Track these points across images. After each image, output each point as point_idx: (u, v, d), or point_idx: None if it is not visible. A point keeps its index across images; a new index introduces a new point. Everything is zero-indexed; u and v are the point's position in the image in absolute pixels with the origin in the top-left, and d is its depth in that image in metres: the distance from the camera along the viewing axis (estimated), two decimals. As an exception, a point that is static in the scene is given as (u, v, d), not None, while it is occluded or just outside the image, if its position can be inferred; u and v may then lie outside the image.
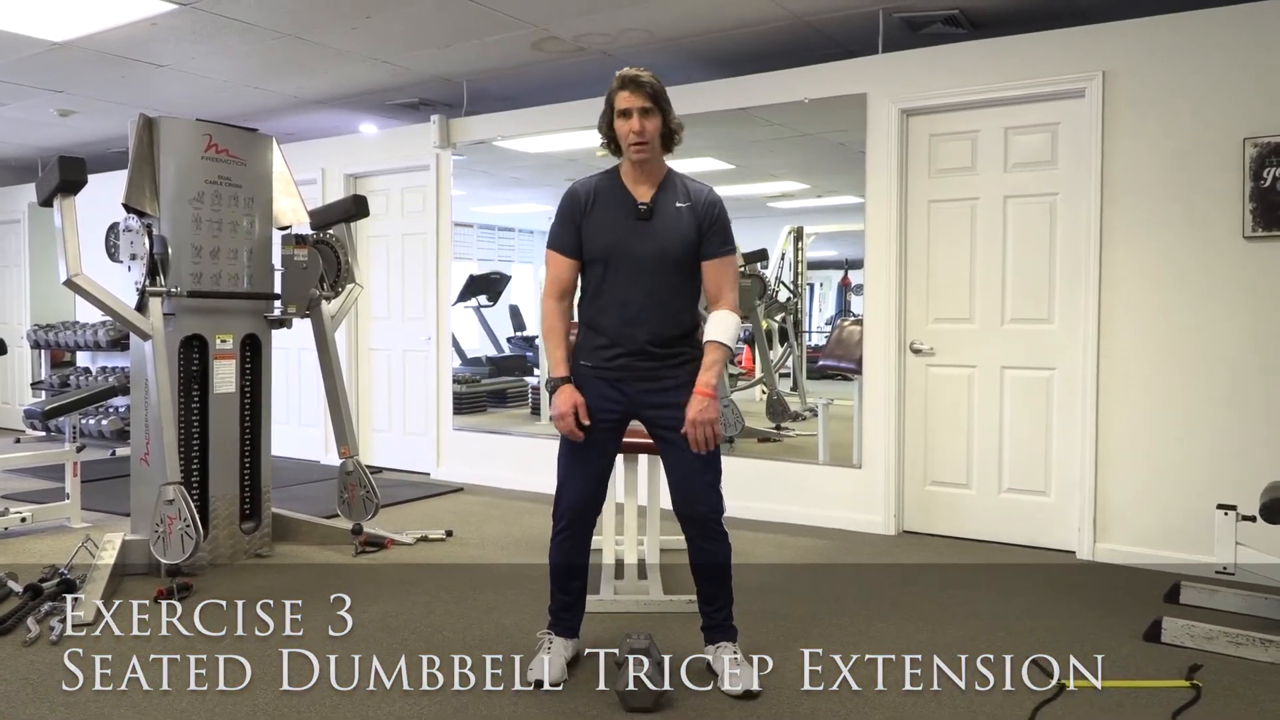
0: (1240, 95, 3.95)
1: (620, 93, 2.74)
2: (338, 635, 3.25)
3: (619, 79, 2.76)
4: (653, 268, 2.78)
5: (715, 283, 2.83)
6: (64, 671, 2.90)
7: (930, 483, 4.77)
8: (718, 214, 2.84)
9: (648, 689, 2.64)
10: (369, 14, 4.73)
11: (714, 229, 2.82)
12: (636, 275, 2.78)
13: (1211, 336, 4.04)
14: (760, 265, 5.51)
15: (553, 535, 2.90)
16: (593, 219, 2.81)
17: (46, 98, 6.41)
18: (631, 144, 2.74)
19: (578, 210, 2.82)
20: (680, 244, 2.79)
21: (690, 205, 2.82)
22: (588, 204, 2.82)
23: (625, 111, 2.73)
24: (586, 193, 2.83)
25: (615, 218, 2.80)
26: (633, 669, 2.65)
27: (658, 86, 2.76)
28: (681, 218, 2.80)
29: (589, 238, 2.81)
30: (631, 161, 2.80)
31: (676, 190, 2.84)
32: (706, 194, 2.85)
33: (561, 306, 2.85)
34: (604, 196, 2.82)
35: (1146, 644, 3.18)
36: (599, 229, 2.80)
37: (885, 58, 4.77)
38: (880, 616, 3.47)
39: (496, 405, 6.69)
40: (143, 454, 3.99)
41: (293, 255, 4.32)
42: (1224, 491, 3.91)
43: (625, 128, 2.74)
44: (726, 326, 2.79)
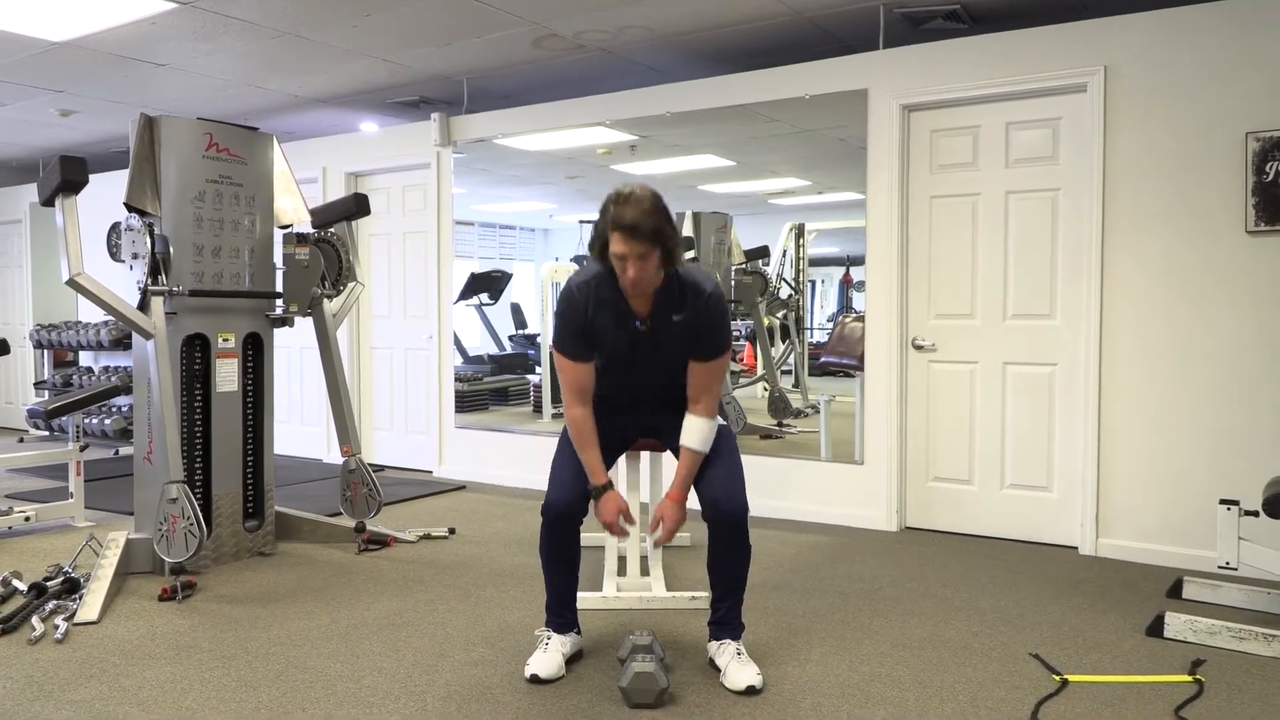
0: (1243, 89, 3.94)
1: (613, 234, 2.60)
2: (341, 633, 3.26)
3: (614, 220, 2.59)
4: (650, 373, 2.88)
5: (698, 383, 2.82)
6: (68, 670, 2.91)
7: (932, 479, 4.77)
8: (713, 321, 2.78)
9: (651, 686, 2.64)
10: (369, 12, 4.73)
11: (708, 335, 2.78)
12: (635, 378, 2.90)
13: (1214, 331, 4.03)
14: (761, 262, 5.50)
15: (540, 533, 2.89)
16: (594, 328, 2.78)
17: (47, 98, 6.42)
18: (627, 284, 2.66)
19: (581, 317, 2.76)
20: (675, 356, 2.82)
21: (686, 318, 2.76)
22: (588, 312, 2.76)
23: (619, 255, 2.62)
24: (585, 300, 2.76)
25: (614, 331, 2.79)
26: (636, 666, 2.65)
27: (657, 224, 2.60)
28: (679, 330, 2.77)
29: (598, 344, 2.82)
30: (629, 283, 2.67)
31: (674, 301, 2.75)
32: (705, 301, 2.75)
33: (587, 412, 2.83)
34: (603, 307, 2.76)
35: (1149, 639, 3.19)
36: (599, 339, 2.80)
37: (886, 53, 4.77)
38: (882, 613, 3.48)
39: (498, 403, 6.69)
40: (146, 453, 4.00)
41: (294, 254, 4.32)
42: (1226, 486, 3.92)
43: (619, 266, 2.64)
44: (704, 436, 2.82)
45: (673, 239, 2.65)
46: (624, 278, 2.64)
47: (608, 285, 2.75)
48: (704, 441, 2.83)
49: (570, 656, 2.95)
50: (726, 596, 2.89)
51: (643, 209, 2.59)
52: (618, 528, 2.84)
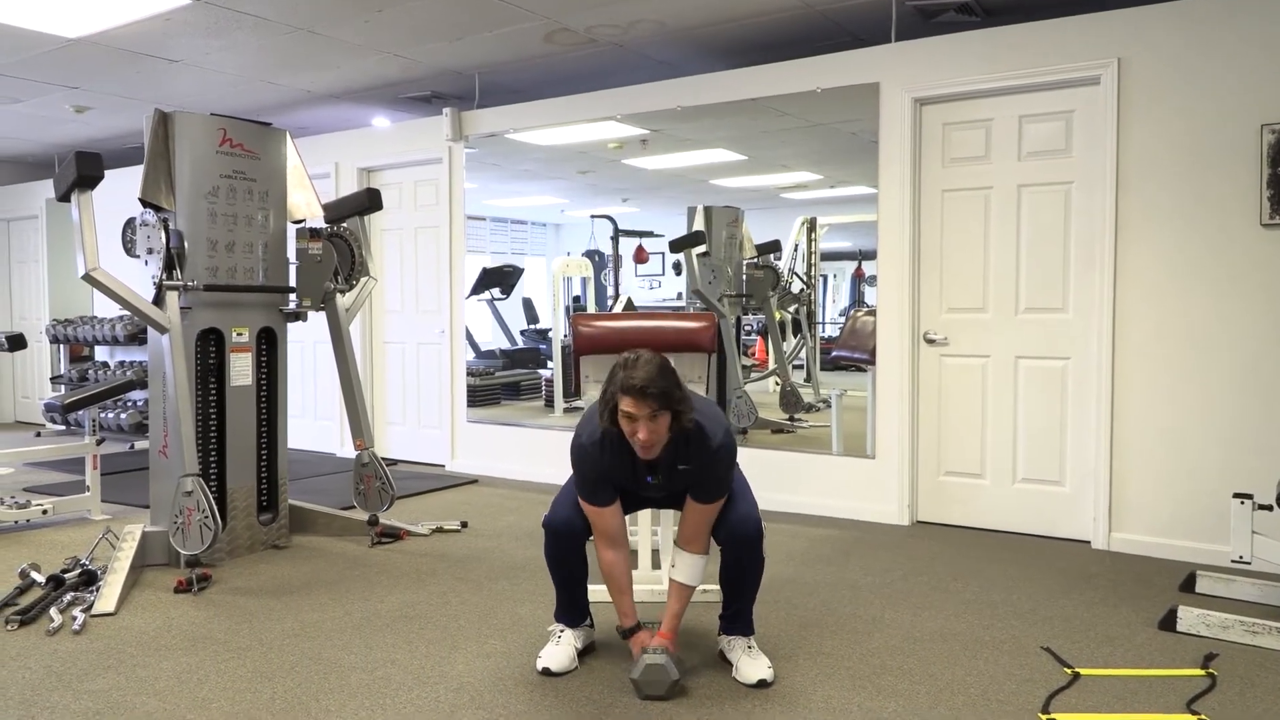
0: (1258, 81, 3.92)
1: (624, 397, 2.61)
2: (354, 625, 3.28)
3: (622, 383, 2.61)
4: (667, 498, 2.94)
5: (693, 523, 2.83)
6: (86, 661, 2.94)
7: (944, 473, 4.76)
8: (718, 472, 2.78)
9: (662, 678, 2.65)
10: (381, 8, 4.74)
11: (711, 484, 2.79)
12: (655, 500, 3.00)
13: (1228, 324, 4.01)
14: (773, 256, 5.50)
15: (544, 544, 2.93)
16: (611, 474, 2.80)
17: (62, 94, 6.46)
18: (639, 447, 2.67)
19: (597, 469, 2.78)
20: (682, 495, 2.84)
21: (693, 467, 2.77)
22: (603, 466, 2.78)
23: (629, 416, 2.62)
24: (601, 454, 2.76)
25: (626, 479, 2.82)
26: (647, 658, 2.66)
27: (666, 386, 2.62)
28: (685, 477, 2.79)
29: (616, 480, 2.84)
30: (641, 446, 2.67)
31: (679, 452, 2.75)
32: (712, 455, 2.74)
33: (619, 556, 2.85)
34: (615, 459, 2.76)
35: (1162, 633, 3.18)
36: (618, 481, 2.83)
37: (898, 46, 4.76)
38: (893, 606, 3.48)
39: (510, 398, 6.71)
40: (161, 447, 4.03)
41: (307, 249, 4.35)
42: (1240, 480, 3.91)
43: (630, 430, 2.65)
44: (695, 572, 2.84)
45: (682, 402, 2.66)
46: (635, 440, 2.65)
47: (618, 444, 2.74)
48: (694, 578, 2.84)
49: (583, 649, 2.97)
50: (740, 599, 2.91)
51: (651, 372, 2.60)
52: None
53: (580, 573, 2.95)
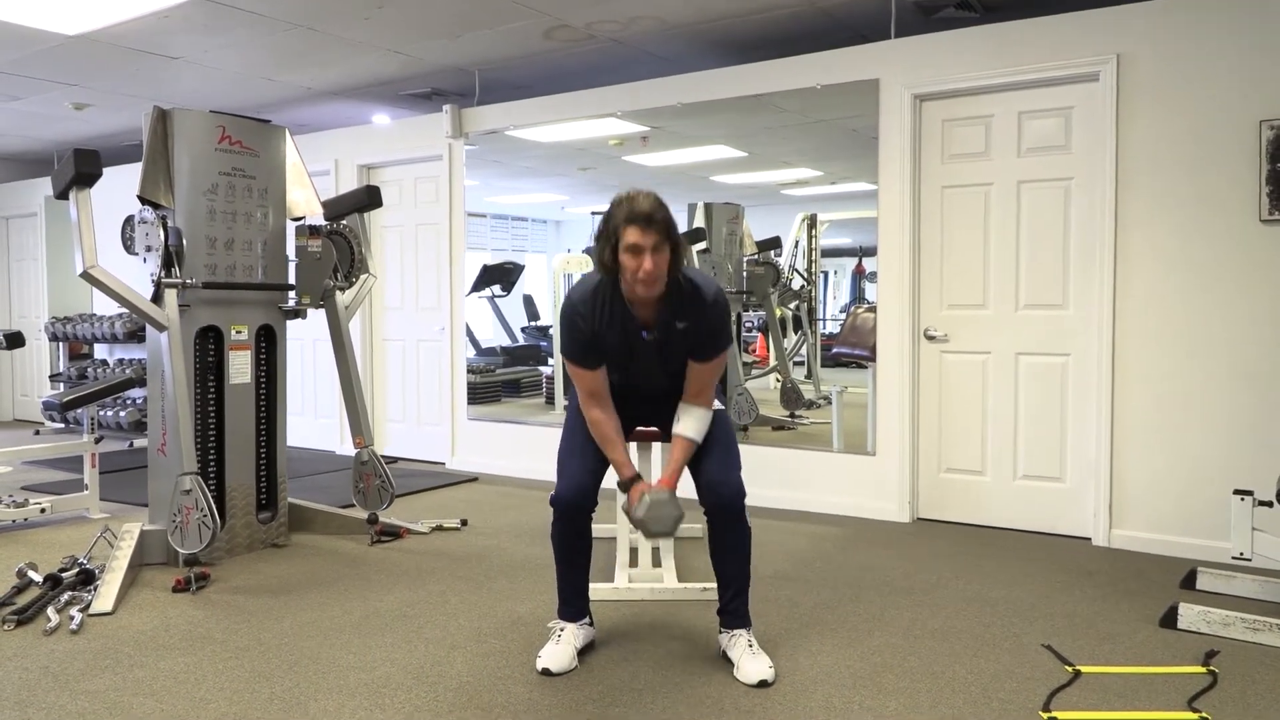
0: (1257, 77, 3.91)
1: (628, 228, 2.61)
2: (353, 624, 3.28)
3: (626, 214, 2.61)
4: (654, 381, 2.92)
5: (698, 381, 2.86)
6: (83, 661, 2.94)
7: (945, 470, 4.76)
8: (715, 326, 2.80)
9: (668, 513, 2.69)
10: (380, 4, 4.73)
11: (709, 340, 2.81)
12: (638, 387, 2.95)
13: (1228, 320, 4.00)
14: (774, 253, 5.49)
15: (552, 523, 2.90)
16: (602, 339, 2.79)
17: (61, 91, 6.45)
18: (640, 281, 2.65)
19: (588, 331, 2.77)
20: (680, 361, 2.85)
21: (690, 324, 2.78)
22: (595, 325, 2.77)
23: (634, 248, 2.61)
24: (588, 316, 2.76)
25: (620, 342, 2.80)
26: (650, 496, 2.71)
27: (668, 217, 2.65)
28: (683, 338, 2.80)
29: (606, 354, 2.83)
30: (638, 291, 2.70)
31: (676, 308, 2.76)
32: (709, 308, 2.78)
33: (606, 413, 2.86)
34: (609, 318, 2.76)
35: (1162, 630, 3.17)
36: (608, 348, 2.81)
37: (897, 43, 4.74)
38: (894, 604, 3.47)
39: (511, 395, 6.71)
40: (160, 445, 4.02)
41: (306, 246, 4.34)
42: (1240, 477, 3.90)
43: (634, 264, 2.63)
44: (700, 426, 2.86)
45: (679, 237, 2.69)
46: (637, 273, 2.63)
47: (612, 297, 2.75)
48: (700, 431, 2.86)
49: (582, 648, 2.96)
50: (733, 583, 2.89)
51: (653, 202, 2.64)
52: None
53: (586, 557, 2.93)
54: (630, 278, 2.65)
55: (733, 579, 2.89)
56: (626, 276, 2.66)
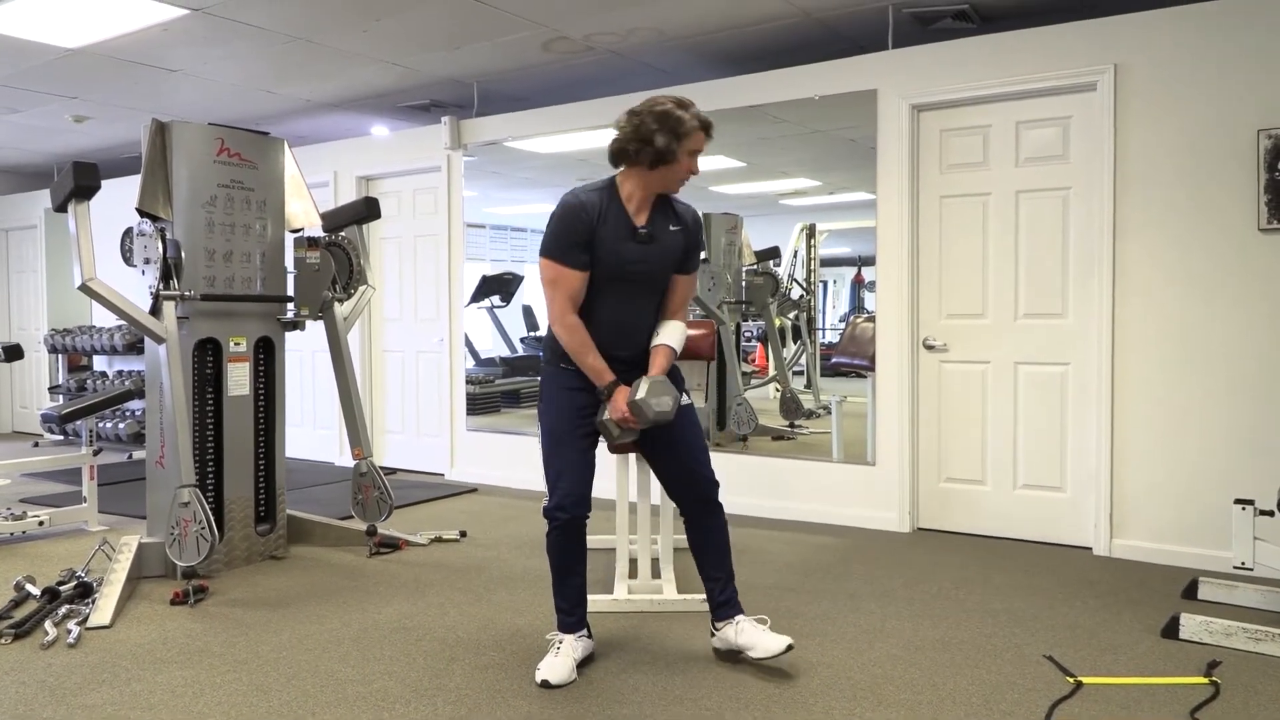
0: (1255, 86, 3.91)
1: (699, 134, 2.83)
2: (352, 636, 3.27)
3: (702, 120, 2.84)
4: (644, 289, 2.94)
5: (681, 295, 3.02)
6: (81, 675, 2.92)
7: (945, 479, 4.75)
8: (698, 236, 3.03)
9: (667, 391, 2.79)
10: (379, 17, 4.74)
11: (695, 247, 3.01)
12: (629, 296, 2.91)
13: (1227, 329, 4.00)
14: (773, 263, 5.49)
15: (547, 534, 2.91)
16: (598, 239, 2.82)
17: (61, 104, 6.46)
18: (681, 181, 2.90)
19: (584, 227, 2.80)
20: (671, 265, 2.97)
21: (682, 228, 2.95)
22: (593, 222, 2.81)
23: (697, 152, 2.85)
24: (590, 210, 2.81)
25: (617, 240, 2.85)
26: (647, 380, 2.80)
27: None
28: (674, 240, 2.94)
29: (596, 258, 2.84)
30: (655, 191, 2.89)
31: (667, 212, 2.94)
32: (693, 215, 3.00)
33: (580, 320, 2.86)
34: (607, 217, 2.83)
35: (1164, 640, 3.16)
36: (603, 251, 2.83)
37: (895, 53, 4.75)
38: (895, 615, 3.46)
39: (510, 405, 6.70)
40: (158, 457, 4.02)
41: (305, 258, 4.34)
42: (1241, 486, 3.89)
43: (687, 166, 2.85)
44: (680, 335, 3.00)
45: None
46: (682, 173, 2.86)
47: (611, 197, 2.87)
48: (679, 342, 2.99)
49: (581, 660, 2.94)
50: (720, 571, 2.98)
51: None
52: (631, 420, 2.82)
53: (583, 566, 2.95)
54: (675, 174, 2.86)
55: (720, 568, 2.98)
56: (673, 173, 2.85)
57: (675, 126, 2.78)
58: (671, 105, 2.81)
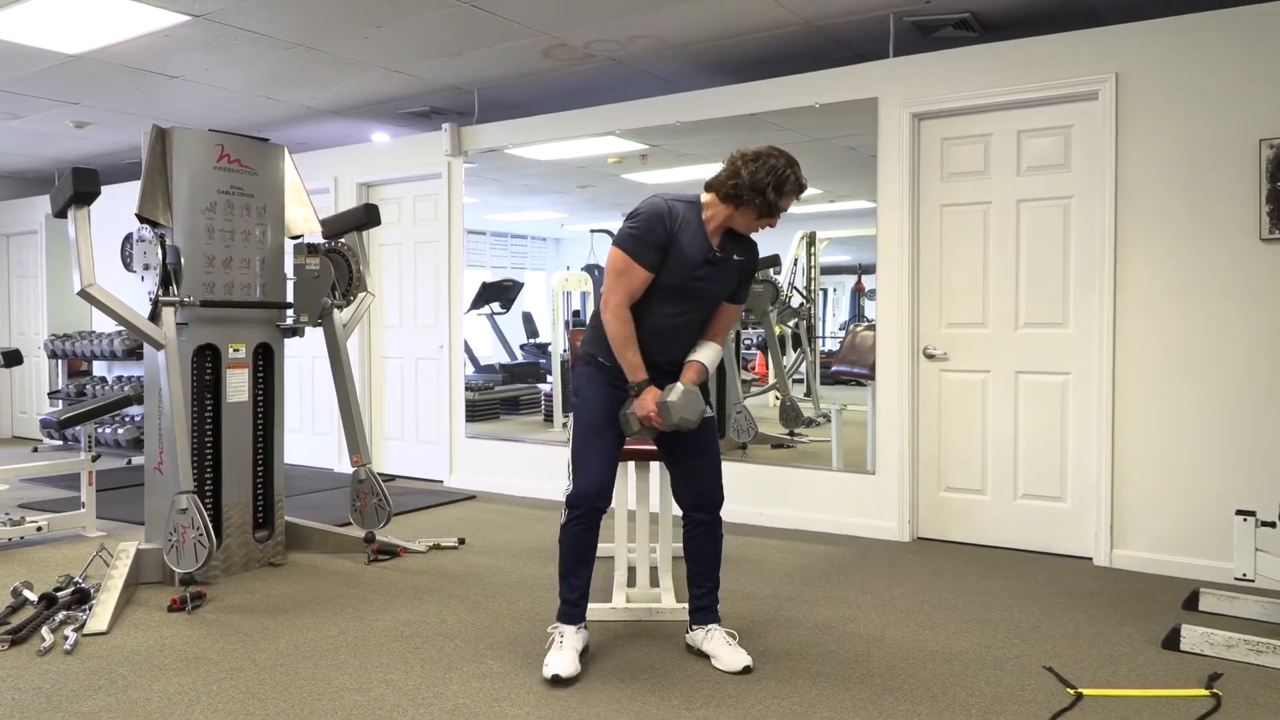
0: (1256, 96, 3.91)
1: (790, 197, 2.96)
2: (349, 644, 3.25)
3: (795, 185, 2.94)
4: (698, 306, 3.03)
5: (725, 322, 3.13)
6: (77, 682, 2.91)
7: (945, 489, 4.74)
8: (754, 269, 3.15)
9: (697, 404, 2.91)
10: (380, 24, 4.74)
11: (747, 281, 3.14)
12: (682, 310, 3.00)
13: (1228, 339, 3.99)
14: (773, 271, 5.48)
15: (565, 523, 3.00)
16: (675, 247, 2.92)
17: (62, 110, 6.47)
18: (758, 228, 3.03)
19: (665, 233, 2.91)
20: (727, 291, 3.08)
21: (745, 259, 3.07)
22: (674, 230, 2.92)
23: (784, 210, 2.99)
24: (674, 219, 2.92)
25: (690, 255, 2.94)
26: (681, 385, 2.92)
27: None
28: (736, 270, 3.05)
29: (665, 265, 2.93)
30: (732, 225, 2.99)
31: (737, 241, 3.04)
32: (755, 250, 3.12)
33: (630, 314, 2.95)
34: (687, 230, 2.94)
35: (1165, 652, 3.15)
36: (675, 260, 2.93)
37: (896, 62, 4.75)
38: (894, 625, 3.45)
39: (509, 412, 6.69)
40: (157, 463, 4.01)
41: (305, 264, 4.33)
42: (1242, 497, 3.88)
43: (770, 219, 2.98)
44: (713, 356, 3.09)
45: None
46: (766, 222, 2.99)
47: (693, 211, 2.97)
48: (712, 362, 3.08)
49: (579, 651, 3.01)
50: (707, 579, 3.10)
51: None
52: (656, 419, 2.92)
53: (592, 556, 3.04)
54: (754, 221, 2.97)
55: (709, 577, 3.10)
56: (752, 217, 2.96)
57: (782, 185, 2.92)
58: (784, 164, 2.93)
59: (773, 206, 2.93)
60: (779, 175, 2.90)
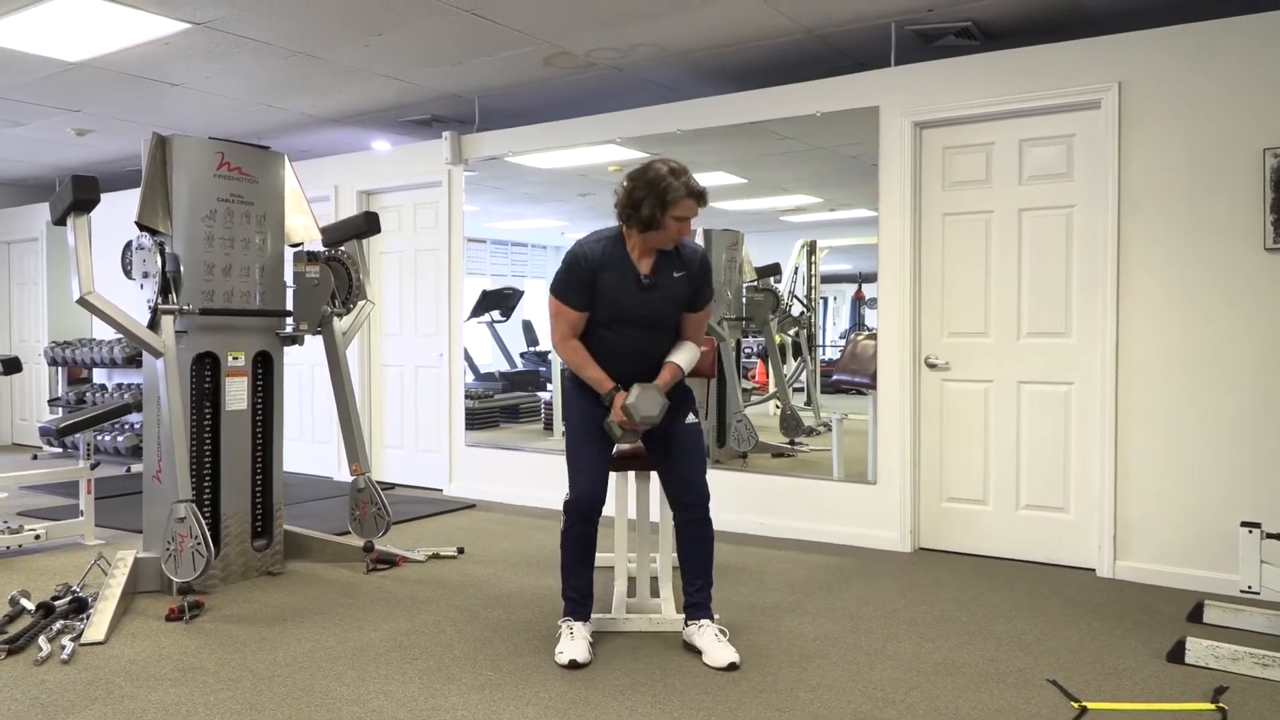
0: (1260, 105, 3.90)
1: (686, 201, 3.00)
2: (347, 654, 3.23)
3: (687, 189, 3.00)
4: (650, 328, 3.19)
5: (693, 328, 3.30)
6: (73, 692, 2.89)
7: (946, 499, 4.71)
8: (705, 278, 3.24)
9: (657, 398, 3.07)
10: (381, 32, 4.74)
11: (702, 289, 3.24)
12: (636, 333, 3.18)
13: (1232, 349, 3.98)
14: (773, 279, 5.47)
15: (564, 528, 3.18)
16: (600, 284, 3.09)
17: (64, 117, 6.47)
18: (671, 241, 3.09)
19: (586, 275, 3.09)
20: (675, 309, 3.22)
21: (686, 273, 3.17)
22: (596, 270, 3.09)
23: (684, 218, 3.03)
24: (593, 260, 3.09)
25: (620, 287, 3.11)
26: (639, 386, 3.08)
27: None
28: (679, 285, 3.18)
29: (596, 301, 3.12)
30: (651, 246, 3.11)
31: (674, 260, 3.16)
32: (699, 258, 3.21)
33: (579, 342, 3.18)
34: (610, 265, 3.10)
35: (1169, 665, 3.12)
36: (604, 296, 3.11)
37: (897, 70, 4.75)
38: (896, 636, 3.42)
39: (509, 420, 6.67)
40: (155, 471, 3.99)
41: (304, 272, 4.32)
42: (1247, 508, 3.86)
43: (677, 228, 3.05)
44: (689, 356, 3.26)
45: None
46: (671, 235, 3.06)
47: (616, 247, 3.12)
48: (689, 362, 3.25)
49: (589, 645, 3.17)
50: (699, 577, 3.21)
51: (700, 183, 3.07)
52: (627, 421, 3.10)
53: (592, 557, 3.21)
54: (665, 236, 3.06)
55: (700, 573, 3.21)
56: (662, 235, 3.05)
57: (663, 194, 2.98)
58: (664, 172, 3.01)
59: (653, 219, 3.00)
60: (659, 185, 2.99)
